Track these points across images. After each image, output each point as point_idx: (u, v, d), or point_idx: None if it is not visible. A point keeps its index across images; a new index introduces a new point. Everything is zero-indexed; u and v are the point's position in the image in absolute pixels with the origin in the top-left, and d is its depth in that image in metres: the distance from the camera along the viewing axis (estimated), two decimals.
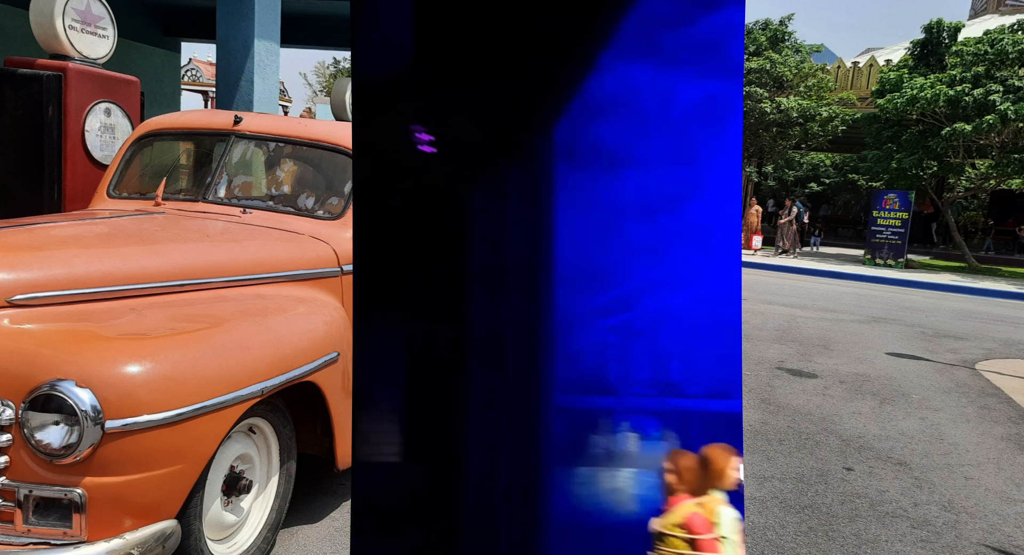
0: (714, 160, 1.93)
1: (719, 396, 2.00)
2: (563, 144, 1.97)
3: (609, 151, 1.98)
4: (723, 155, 1.93)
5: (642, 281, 2.01)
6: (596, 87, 2.00)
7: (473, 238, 2.00)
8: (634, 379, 2.03)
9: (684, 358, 2.00)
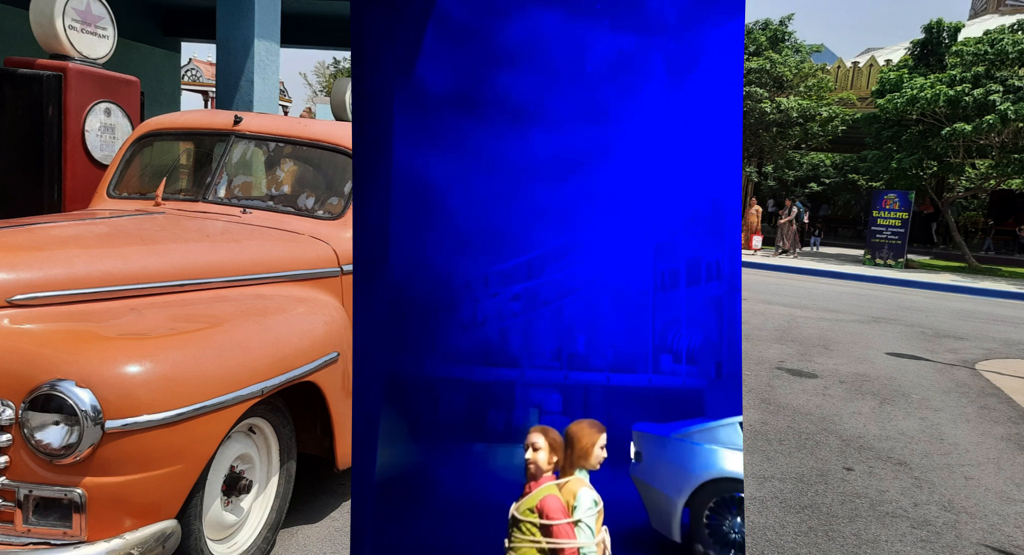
0: (625, 121, 1.82)
1: (624, 370, 1.93)
2: (461, 94, 1.84)
3: (516, 105, 1.84)
4: (635, 116, 1.82)
5: (549, 247, 1.90)
6: (501, 32, 1.84)
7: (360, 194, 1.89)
8: (537, 351, 1.93)
9: (590, 330, 1.91)
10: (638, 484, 1.98)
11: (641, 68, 1.83)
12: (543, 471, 1.85)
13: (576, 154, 1.83)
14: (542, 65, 1.83)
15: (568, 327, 1.93)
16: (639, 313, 1.94)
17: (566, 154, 1.83)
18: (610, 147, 1.84)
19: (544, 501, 1.83)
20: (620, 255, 1.90)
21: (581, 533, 1.84)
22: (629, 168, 1.87)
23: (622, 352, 1.92)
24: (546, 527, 1.82)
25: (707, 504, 2.03)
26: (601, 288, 1.91)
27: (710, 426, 1.99)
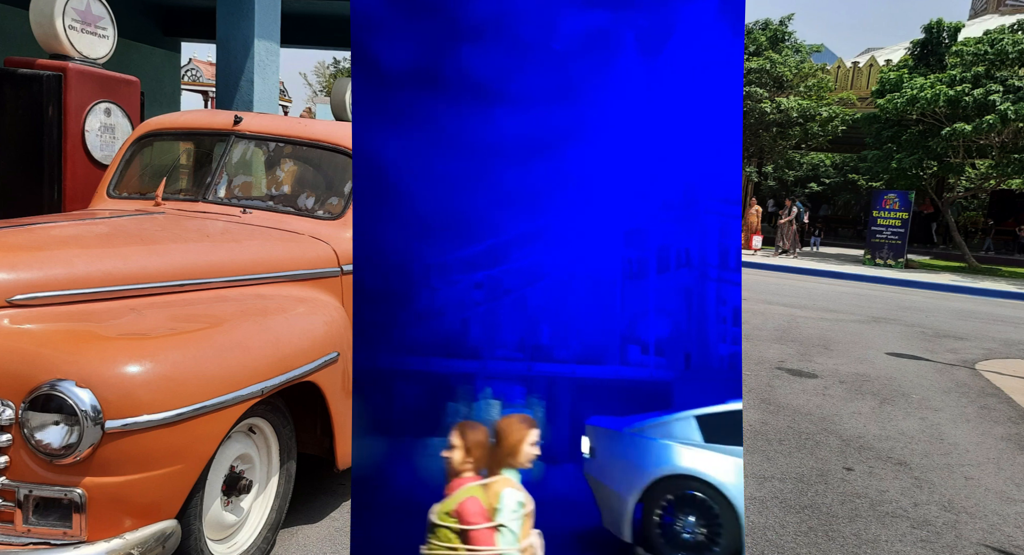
0: (596, 100, 1.75)
1: (591, 361, 1.87)
2: (422, 70, 1.76)
3: (480, 82, 1.76)
4: (607, 95, 1.75)
5: (514, 233, 1.82)
6: (464, 5, 1.75)
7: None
8: (500, 341, 1.86)
9: (555, 320, 1.84)
10: (591, 481, 1.92)
11: (611, 45, 1.77)
12: (456, 472, 1.76)
13: (544, 135, 1.76)
14: (508, 40, 1.75)
15: (533, 317, 1.86)
16: (607, 302, 1.89)
17: (534, 135, 1.76)
18: (580, 128, 1.77)
19: (463, 504, 1.73)
20: (589, 242, 1.83)
21: (502, 538, 1.74)
22: (599, 150, 1.80)
23: (589, 343, 1.87)
24: (463, 532, 1.72)
25: (659, 502, 1.98)
26: (568, 276, 1.85)
27: (665, 420, 1.94)
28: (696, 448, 1.96)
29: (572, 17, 1.74)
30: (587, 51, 1.74)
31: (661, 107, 1.81)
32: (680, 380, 1.90)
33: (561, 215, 1.82)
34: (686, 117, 1.81)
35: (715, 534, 1.97)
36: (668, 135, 1.82)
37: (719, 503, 1.95)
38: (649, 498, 1.96)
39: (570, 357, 1.87)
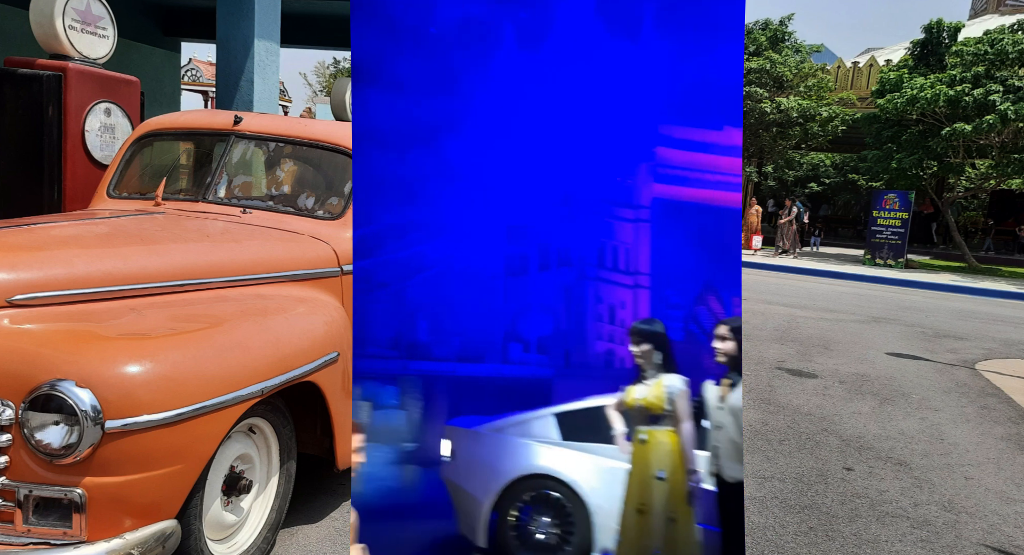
0: (476, 91, 1.73)
1: (471, 359, 1.85)
2: None
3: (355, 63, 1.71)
4: (486, 85, 1.74)
5: (386, 223, 1.79)
6: None
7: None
8: (371, 338, 1.83)
9: (434, 316, 1.82)
10: (449, 486, 1.91)
11: (490, 36, 1.76)
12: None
13: (422, 123, 1.74)
14: (382, 20, 1.72)
15: (409, 312, 1.83)
16: (489, 299, 1.86)
17: (410, 122, 1.73)
18: (461, 119, 1.76)
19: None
20: (470, 236, 1.82)
21: None
22: (480, 143, 1.78)
23: (470, 340, 1.86)
24: None
25: (515, 504, 1.96)
26: (448, 270, 1.84)
27: (524, 418, 1.93)
28: (553, 446, 1.96)
29: (449, 3, 1.72)
30: (466, 40, 1.73)
31: (542, 103, 1.79)
32: (559, 377, 1.90)
33: (440, 207, 1.80)
34: (567, 115, 1.81)
35: (568, 533, 1.97)
36: (549, 132, 1.81)
37: (573, 501, 1.96)
38: (505, 500, 1.95)
39: (450, 355, 1.86)
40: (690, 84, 1.76)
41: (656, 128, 1.81)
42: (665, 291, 1.86)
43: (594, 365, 1.92)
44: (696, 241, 1.85)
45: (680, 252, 1.85)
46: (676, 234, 1.86)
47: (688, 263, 1.85)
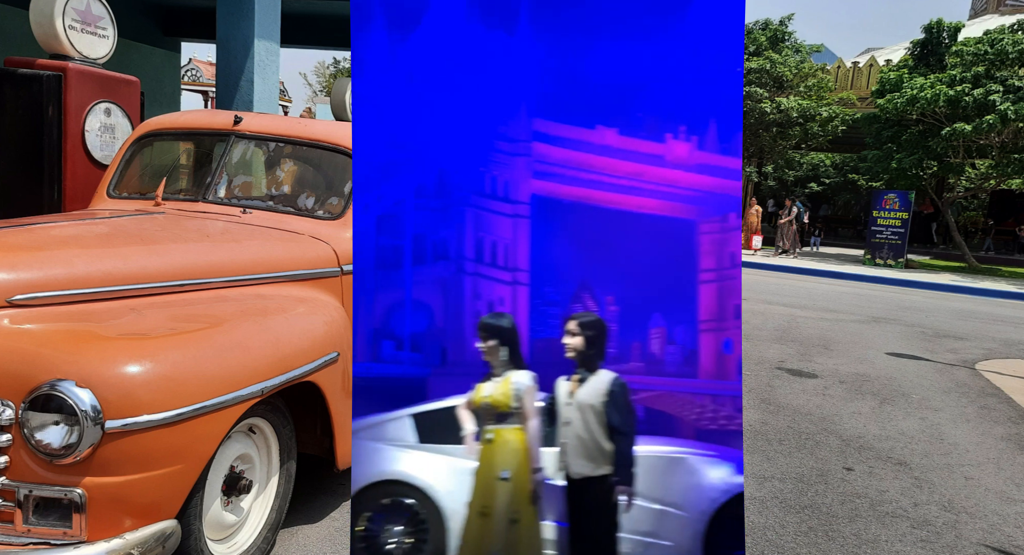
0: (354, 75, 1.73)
1: None
2: None
3: None
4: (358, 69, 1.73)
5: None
6: None
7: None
8: None
9: None
10: None
11: (361, 16, 1.76)
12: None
13: None
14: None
15: None
16: (358, 293, 1.84)
17: None
18: None
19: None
20: None
21: None
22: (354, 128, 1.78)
23: None
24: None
25: (366, 513, 1.90)
26: None
27: (378, 420, 1.89)
28: (408, 450, 1.92)
29: None
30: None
31: (412, 90, 1.78)
32: (435, 376, 1.88)
33: None
34: (440, 105, 1.80)
35: (421, 541, 1.94)
36: (422, 121, 1.80)
37: (427, 507, 1.93)
38: (358, 508, 1.89)
39: None
40: (563, 81, 1.76)
41: (531, 123, 1.80)
42: (543, 288, 1.85)
43: (472, 363, 1.90)
44: (573, 239, 1.84)
45: (558, 249, 1.84)
46: (555, 231, 1.84)
47: (566, 261, 1.84)
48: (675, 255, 1.82)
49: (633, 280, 1.82)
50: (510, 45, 1.77)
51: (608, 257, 1.84)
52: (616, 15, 1.75)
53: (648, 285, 1.83)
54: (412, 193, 1.84)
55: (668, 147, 1.77)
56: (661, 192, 1.80)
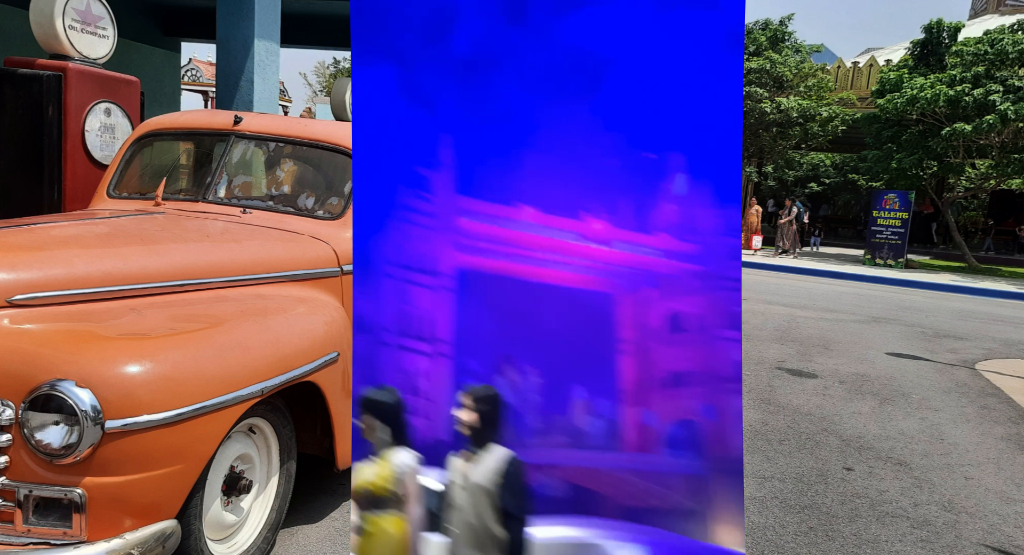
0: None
1: None
2: None
3: None
4: None
5: None
6: None
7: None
8: None
9: None
10: None
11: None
12: None
13: None
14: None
15: None
16: None
17: None
18: None
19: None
20: None
21: None
22: None
23: None
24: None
25: None
26: None
27: None
28: None
29: None
30: None
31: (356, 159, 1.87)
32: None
33: None
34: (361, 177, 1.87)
35: None
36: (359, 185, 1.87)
37: None
38: None
39: None
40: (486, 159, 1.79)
41: (456, 200, 1.82)
42: (466, 360, 1.81)
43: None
44: (495, 310, 1.82)
45: (480, 321, 1.81)
46: (476, 303, 1.82)
47: (487, 332, 1.81)
48: (593, 326, 1.80)
49: (554, 351, 1.80)
50: (432, 123, 1.80)
51: (530, 329, 1.81)
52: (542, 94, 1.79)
53: (568, 356, 1.80)
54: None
55: (585, 224, 1.78)
56: (580, 266, 1.79)
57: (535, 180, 1.79)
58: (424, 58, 1.80)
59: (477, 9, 1.77)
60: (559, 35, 1.73)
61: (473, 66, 1.77)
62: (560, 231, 1.79)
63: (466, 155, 1.80)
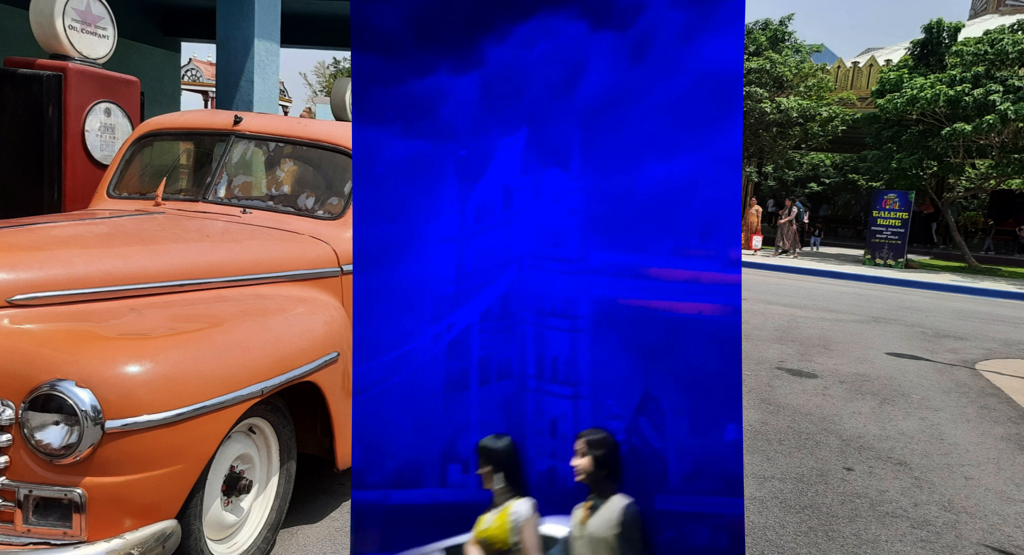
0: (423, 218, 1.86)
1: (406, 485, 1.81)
2: None
3: None
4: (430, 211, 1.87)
5: None
6: None
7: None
8: None
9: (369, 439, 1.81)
10: None
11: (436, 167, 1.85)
12: None
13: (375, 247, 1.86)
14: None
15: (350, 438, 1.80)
16: (428, 417, 1.81)
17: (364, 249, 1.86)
18: (410, 242, 1.86)
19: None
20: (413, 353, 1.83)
21: None
22: (425, 266, 1.86)
23: (406, 463, 1.79)
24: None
25: None
26: (388, 390, 1.81)
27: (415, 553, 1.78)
28: None
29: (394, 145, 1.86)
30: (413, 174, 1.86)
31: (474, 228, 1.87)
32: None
33: (384, 326, 1.85)
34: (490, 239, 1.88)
35: None
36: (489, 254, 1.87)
37: None
38: None
39: (383, 482, 1.80)
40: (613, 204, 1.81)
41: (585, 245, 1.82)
42: (605, 401, 1.78)
43: (536, 484, 1.80)
44: (632, 348, 1.78)
45: (616, 360, 1.78)
46: (612, 342, 1.79)
47: (625, 371, 1.77)
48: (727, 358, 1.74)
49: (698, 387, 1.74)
50: (563, 179, 1.82)
51: (670, 366, 1.76)
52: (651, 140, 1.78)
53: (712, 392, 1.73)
54: (478, 318, 1.86)
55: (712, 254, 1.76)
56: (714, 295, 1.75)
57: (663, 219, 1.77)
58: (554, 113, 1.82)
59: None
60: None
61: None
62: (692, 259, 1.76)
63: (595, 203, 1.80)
